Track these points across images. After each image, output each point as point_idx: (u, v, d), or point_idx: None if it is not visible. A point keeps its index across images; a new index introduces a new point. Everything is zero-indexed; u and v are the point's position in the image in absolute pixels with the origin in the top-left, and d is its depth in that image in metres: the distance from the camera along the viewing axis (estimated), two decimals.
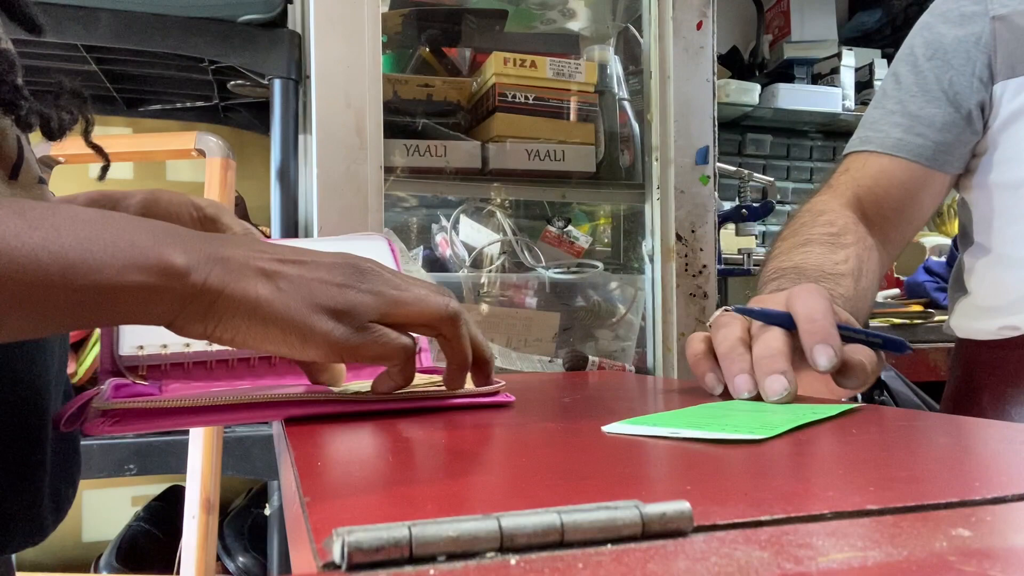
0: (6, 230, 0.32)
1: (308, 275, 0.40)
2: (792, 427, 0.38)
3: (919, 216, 0.82)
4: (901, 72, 0.83)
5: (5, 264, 0.32)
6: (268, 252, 0.40)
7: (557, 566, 0.18)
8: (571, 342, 1.28)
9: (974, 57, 0.77)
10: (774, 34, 2.16)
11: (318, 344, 0.39)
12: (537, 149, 1.20)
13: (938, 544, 0.20)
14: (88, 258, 0.34)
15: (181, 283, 0.36)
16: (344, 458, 0.35)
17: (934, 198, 0.82)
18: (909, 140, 0.80)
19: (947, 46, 0.79)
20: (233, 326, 0.38)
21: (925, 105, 0.80)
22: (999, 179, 0.79)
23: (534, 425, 0.43)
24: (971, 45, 0.78)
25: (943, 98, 0.79)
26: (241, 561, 1.30)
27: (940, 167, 0.80)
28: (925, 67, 0.80)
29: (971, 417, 0.45)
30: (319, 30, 1.04)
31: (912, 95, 0.81)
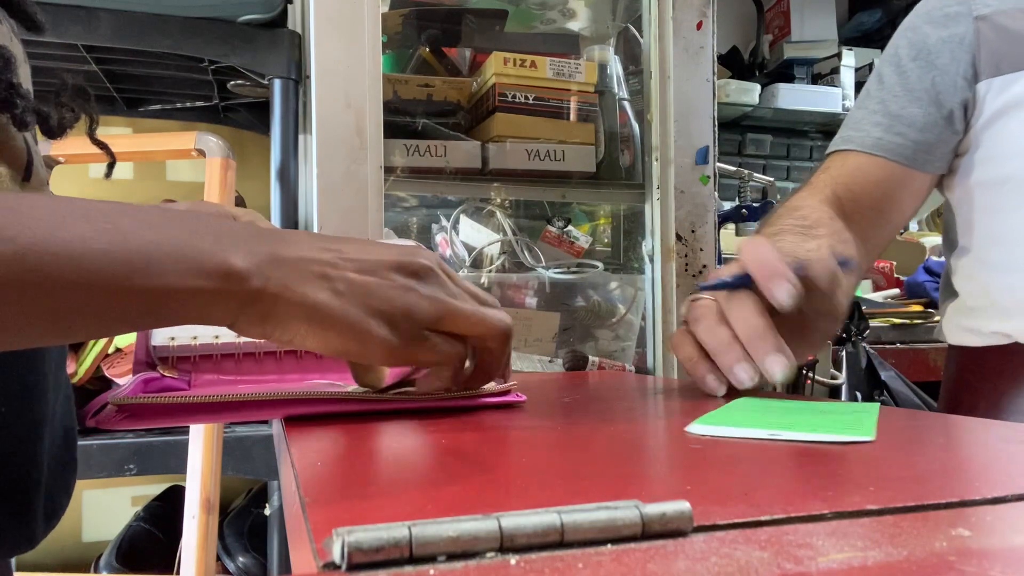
0: (70, 234, 0.32)
1: (368, 278, 0.40)
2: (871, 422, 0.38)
3: (899, 216, 0.82)
4: (885, 72, 0.84)
5: (73, 271, 0.32)
6: (328, 251, 0.40)
7: (557, 566, 0.18)
8: (571, 342, 1.28)
9: (958, 56, 0.78)
10: (774, 34, 2.16)
11: (375, 348, 0.40)
12: (537, 149, 1.20)
13: (938, 544, 0.20)
14: (151, 263, 0.34)
15: (241, 287, 0.36)
16: (344, 458, 0.35)
17: (914, 198, 0.81)
18: (889, 139, 0.80)
19: (931, 46, 0.80)
20: (292, 329, 0.38)
21: (907, 105, 0.80)
22: (981, 178, 0.79)
23: (534, 425, 0.43)
24: (955, 45, 0.78)
25: (925, 98, 0.79)
26: (241, 561, 1.30)
27: (920, 167, 0.80)
28: (909, 67, 0.81)
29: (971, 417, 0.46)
30: (319, 30, 1.04)
31: (894, 95, 0.81)
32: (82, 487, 1.56)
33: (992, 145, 0.78)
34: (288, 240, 0.40)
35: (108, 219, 0.34)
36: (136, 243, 0.34)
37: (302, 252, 0.39)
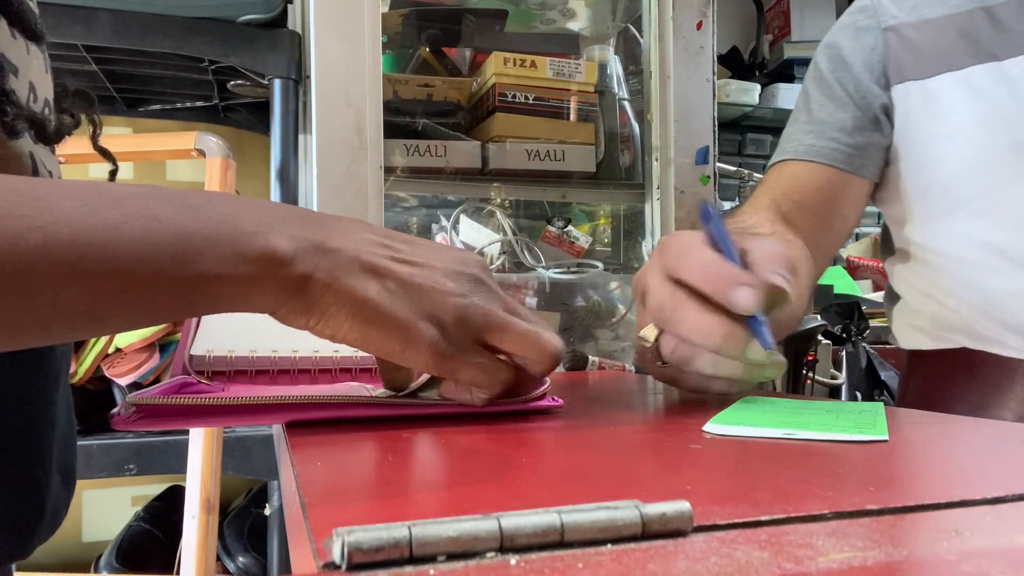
0: (102, 221, 0.31)
1: (419, 279, 0.39)
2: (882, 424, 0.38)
3: (841, 223, 0.82)
4: (809, 87, 0.86)
5: (106, 259, 0.31)
6: (379, 243, 0.39)
7: (557, 566, 0.18)
8: (571, 342, 1.28)
9: (871, 65, 0.81)
10: (774, 34, 2.16)
11: (420, 352, 0.38)
12: (537, 149, 1.20)
13: (938, 544, 0.20)
14: (189, 249, 0.33)
15: (285, 273, 0.35)
16: (344, 458, 0.35)
17: (854, 204, 0.82)
18: (821, 144, 0.81)
19: (847, 57, 0.83)
20: (336, 323, 0.37)
21: (834, 111, 0.82)
22: (906, 188, 0.80)
23: (534, 425, 0.43)
24: (867, 54, 0.81)
25: (850, 102, 0.81)
26: (241, 561, 1.30)
27: (856, 171, 0.80)
28: (830, 78, 0.83)
29: (971, 417, 0.46)
30: (319, 30, 1.04)
31: (821, 105, 0.83)
32: (82, 487, 1.56)
33: (909, 156, 0.79)
34: (339, 228, 0.38)
35: (142, 203, 0.33)
36: (172, 228, 0.32)
37: (354, 242, 0.38)
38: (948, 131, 0.75)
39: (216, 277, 0.33)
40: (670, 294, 0.45)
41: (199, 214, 0.34)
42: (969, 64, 0.74)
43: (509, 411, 0.45)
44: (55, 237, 0.30)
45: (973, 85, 0.74)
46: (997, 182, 0.72)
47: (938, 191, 0.77)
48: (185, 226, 0.33)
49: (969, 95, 0.74)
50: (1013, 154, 0.71)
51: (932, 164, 0.77)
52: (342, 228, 0.38)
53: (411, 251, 0.40)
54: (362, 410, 0.43)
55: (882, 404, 0.46)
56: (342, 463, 0.33)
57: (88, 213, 0.31)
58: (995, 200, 0.73)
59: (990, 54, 0.73)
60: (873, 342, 1.55)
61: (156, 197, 0.34)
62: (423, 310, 0.38)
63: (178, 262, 0.32)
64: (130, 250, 0.31)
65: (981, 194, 0.74)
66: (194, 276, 0.33)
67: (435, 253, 0.41)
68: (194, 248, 0.33)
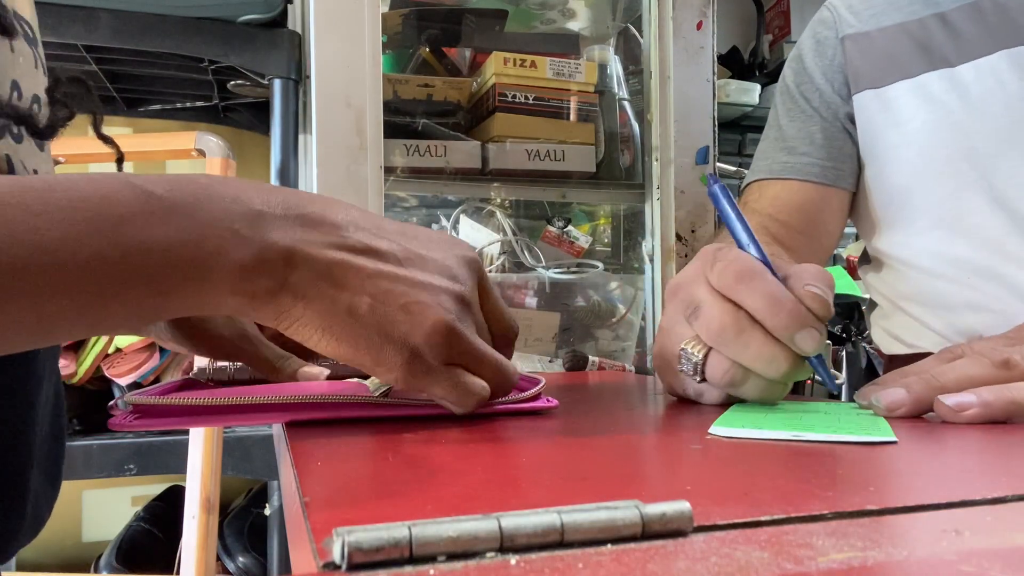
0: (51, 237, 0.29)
1: (397, 294, 0.37)
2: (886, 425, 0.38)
3: (827, 238, 0.82)
4: (777, 104, 0.86)
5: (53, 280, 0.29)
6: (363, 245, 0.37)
7: (557, 566, 0.18)
8: (571, 342, 1.28)
9: (831, 76, 0.81)
10: (774, 34, 2.16)
11: (389, 371, 0.37)
12: (537, 149, 1.20)
13: (938, 544, 0.20)
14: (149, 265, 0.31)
15: (251, 288, 0.34)
16: (344, 458, 0.35)
17: (836, 218, 0.82)
18: (794, 161, 0.81)
19: (809, 68, 0.83)
20: (306, 334, 0.36)
21: (803, 125, 0.82)
22: (871, 193, 0.80)
23: (534, 425, 0.43)
24: (827, 64, 0.82)
25: (816, 114, 0.81)
26: (241, 561, 1.30)
27: (833, 182, 0.80)
28: (795, 92, 0.84)
29: None
30: (319, 30, 1.04)
31: (791, 119, 0.83)
32: (82, 487, 1.56)
33: (871, 165, 0.79)
34: (319, 223, 0.36)
35: (96, 209, 0.31)
36: (129, 241, 0.31)
37: (332, 245, 0.36)
38: (904, 140, 0.75)
39: (177, 293, 0.33)
40: (733, 317, 0.44)
41: (156, 228, 0.32)
42: (923, 71, 0.74)
43: (504, 411, 0.45)
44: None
45: (927, 92, 0.74)
46: (951, 191, 0.72)
47: (899, 201, 0.77)
48: (143, 241, 0.31)
49: (923, 102, 0.74)
50: (965, 161, 0.71)
51: (891, 174, 0.77)
52: (322, 222, 0.36)
53: (398, 250, 0.38)
54: (361, 410, 0.43)
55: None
56: (342, 463, 0.33)
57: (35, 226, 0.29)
58: (949, 209, 0.72)
59: (944, 60, 0.73)
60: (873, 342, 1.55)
61: (112, 200, 0.31)
62: (398, 330, 0.37)
63: (135, 280, 0.31)
64: (84, 270, 0.30)
65: (936, 203, 0.73)
66: (153, 294, 0.32)
67: (424, 253, 0.39)
68: (154, 264, 0.32)
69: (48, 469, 0.47)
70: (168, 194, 0.33)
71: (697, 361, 0.46)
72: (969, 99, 0.71)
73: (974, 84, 0.71)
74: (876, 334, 0.85)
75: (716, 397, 0.48)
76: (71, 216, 0.30)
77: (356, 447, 0.37)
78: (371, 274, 0.37)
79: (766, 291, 0.44)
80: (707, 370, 0.46)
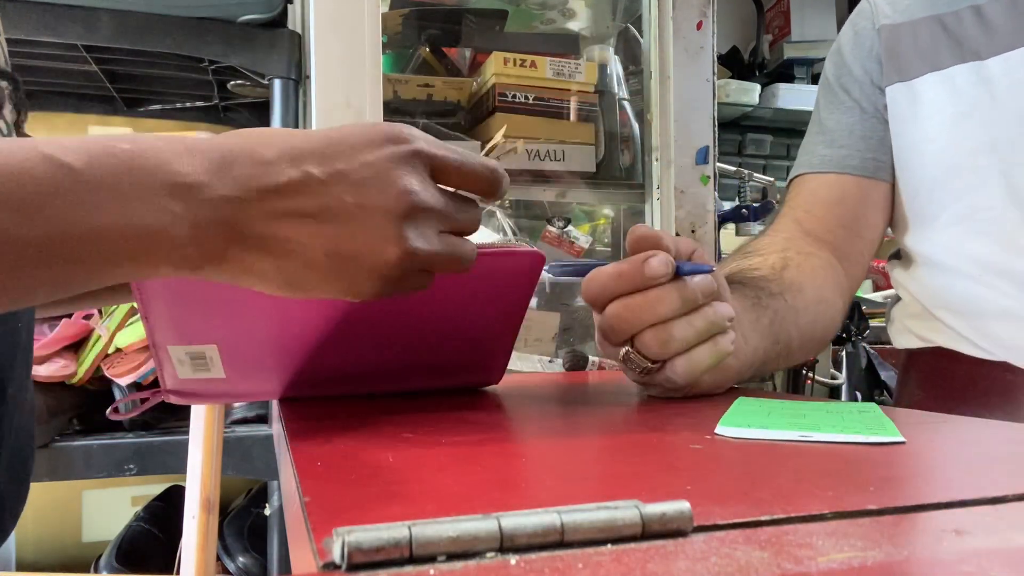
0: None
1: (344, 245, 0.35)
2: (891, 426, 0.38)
3: (870, 231, 0.81)
4: (819, 97, 0.87)
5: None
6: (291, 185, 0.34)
7: (557, 566, 0.18)
8: (571, 342, 1.28)
9: (869, 68, 0.81)
10: (774, 34, 2.16)
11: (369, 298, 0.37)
12: (537, 149, 1.20)
13: (938, 544, 0.20)
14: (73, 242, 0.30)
15: (183, 255, 0.33)
16: (344, 458, 0.35)
17: (879, 210, 0.81)
18: (832, 154, 0.81)
19: (848, 61, 0.83)
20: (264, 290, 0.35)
21: (841, 117, 0.82)
22: (900, 186, 0.80)
23: (534, 425, 0.43)
24: (865, 56, 0.81)
25: (856, 106, 0.81)
26: (241, 561, 1.30)
27: (873, 174, 0.80)
28: (835, 85, 0.84)
29: (971, 417, 0.46)
30: (319, 30, 1.04)
31: (829, 113, 0.84)
32: (82, 487, 1.56)
33: (900, 159, 0.79)
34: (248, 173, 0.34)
35: (10, 186, 0.29)
36: (49, 222, 0.29)
37: (267, 209, 0.34)
38: (931, 133, 0.75)
39: (106, 271, 0.32)
40: (614, 306, 0.48)
41: (77, 210, 0.30)
42: (953, 63, 0.74)
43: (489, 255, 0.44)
44: None
45: (954, 85, 0.73)
46: (972, 185, 0.72)
47: (924, 195, 0.77)
48: (64, 223, 0.30)
49: (951, 95, 0.74)
50: (986, 155, 0.71)
51: (917, 168, 0.77)
52: (252, 170, 0.34)
53: (332, 190, 0.35)
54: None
55: (874, 404, 0.46)
56: (342, 463, 0.33)
57: None
58: (967, 204, 0.72)
59: (974, 53, 0.73)
60: (873, 342, 1.55)
61: (33, 178, 0.30)
62: (354, 276, 0.35)
63: (58, 261, 0.30)
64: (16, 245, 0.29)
65: (958, 198, 0.73)
66: (81, 271, 0.31)
67: (357, 180, 0.35)
68: (76, 248, 0.30)
69: (16, 475, 0.46)
70: (88, 169, 0.31)
71: (633, 357, 0.49)
72: (995, 92, 0.71)
73: (1002, 77, 0.71)
74: (894, 329, 0.85)
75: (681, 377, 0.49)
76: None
77: (356, 448, 0.37)
78: (312, 232, 0.34)
79: (600, 275, 0.48)
80: (645, 353, 0.48)
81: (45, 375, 1.01)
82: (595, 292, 0.49)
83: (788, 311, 0.67)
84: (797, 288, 0.70)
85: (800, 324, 0.68)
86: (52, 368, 1.02)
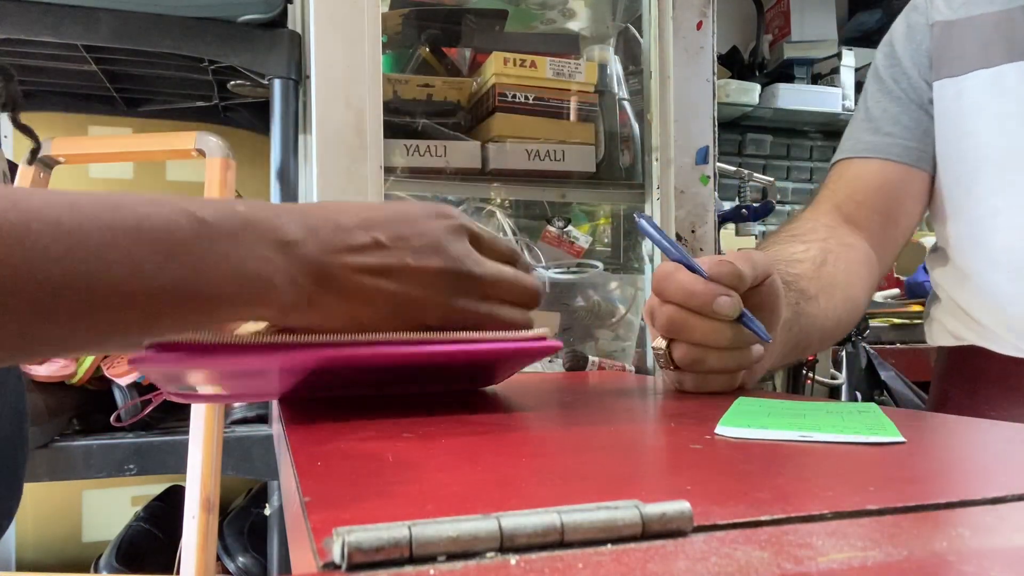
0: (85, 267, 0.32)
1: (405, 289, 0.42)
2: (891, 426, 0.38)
3: (906, 219, 0.82)
4: (868, 85, 0.87)
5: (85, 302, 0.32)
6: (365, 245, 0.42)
7: (557, 566, 0.18)
8: (571, 342, 1.28)
9: (918, 61, 0.82)
10: (774, 34, 2.16)
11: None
12: (537, 149, 1.20)
13: (938, 544, 0.20)
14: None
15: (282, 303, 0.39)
16: (344, 458, 0.35)
17: (917, 200, 0.82)
18: (877, 141, 0.82)
19: (899, 54, 0.84)
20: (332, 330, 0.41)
21: (888, 106, 0.83)
22: (944, 183, 0.80)
23: (534, 425, 0.43)
24: (915, 50, 0.82)
25: (904, 97, 0.82)
26: (241, 561, 1.30)
27: (915, 163, 0.81)
28: (885, 75, 0.84)
29: (970, 417, 0.46)
30: (319, 30, 1.04)
31: (876, 101, 0.84)
32: (82, 487, 1.56)
33: (942, 154, 0.79)
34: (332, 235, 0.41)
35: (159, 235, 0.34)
36: (183, 266, 0.34)
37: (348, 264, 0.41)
38: (974, 129, 0.76)
39: (220, 309, 0.37)
40: (675, 311, 0.53)
41: (206, 255, 0.36)
42: (1002, 62, 0.75)
43: (506, 348, 0.46)
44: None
45: (1001, 83, 0.74)
46: (1011, 183, 0.73)
47: (963, 189, 0.77)
48: (195, 266, 0.35)
49: (998, 93, 0.74)
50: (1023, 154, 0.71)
51: (958, 161, 0.77)
52: (335, 233, 0.41)
53: (396, 240, 0.43)
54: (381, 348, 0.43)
55: (874, 404, 0.46)
56: (342, 463, 0.33)
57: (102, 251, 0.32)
58: (1007, 201, 0.73)
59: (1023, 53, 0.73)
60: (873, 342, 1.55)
61: (178, 227, 0.35)
62: (414, 318, 0.43)
63: (184, 302, 0.35)
64: (109, 297, 0.33)
65: (997, 193, 0.74)
66: (198, 311, 0.36)
67: (412, 246, 0.43)
68: (200, 289, 0.36)
69: (4, 475, 0.46)
70: (216, 221, 0.37)
71: (663, 352, 0.55)
72: None
73: None
74: (931, 327, 0.85)
75: (691, 382, 0.55)
76: (136, 238, 0.34)
77: (356, 447, 0.37)
78: (378, 284, 0.42)
79: (679, 283, 0.52)
80: (675, 358, 0.54)
81: (45, 375, 1.01)
82: (665, 290, 0.53)
83: (817, 315, 0.68)
84: (830, 288, 0.71)
85: (825, 328, 0.70)
86: (52, 368, 1.02)
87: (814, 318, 0.67)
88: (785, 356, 0.65)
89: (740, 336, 0.52)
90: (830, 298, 0.70)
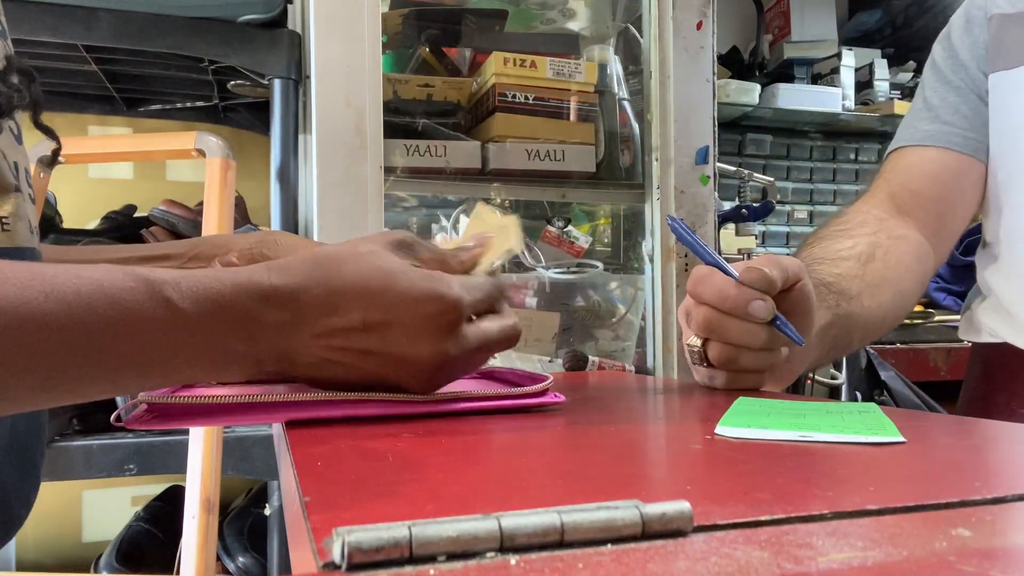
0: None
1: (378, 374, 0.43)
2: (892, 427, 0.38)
3: (964, 207, 0.82)
4: (925, 76, 0.87)
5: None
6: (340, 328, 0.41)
7: (557, 566, 0.18)
8: (571, 342, 1.28)
9: (976, 54, 0.82)
10: (774, 34, 2.15)
11: None
12: (537, 149, 1.20)
13: (938, 544, 0.20)
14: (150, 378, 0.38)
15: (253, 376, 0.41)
16: (344, 458, 0.35)
17: (974, 188, 0.82)
18: (935, 129, 0.82)
19: (957, 46, 0.84)
20: None
21: (946, 95, 0.83)
22: (996, 176, 0.79)
23: (534, 425, 0.43)
24: (973, 43, 0.82)
25: (962, 86, 0.82)
26: (241, 561, 1.30)
27: (974, 153, 0.81)
28: (943, 66, 0.84)
29: (970, 417, 0.46)
30: (319, 30, 1.04)
31: (934, 90, 0.84)
32: (82, 487, 1.56)
33: (995, 147, 0.79)
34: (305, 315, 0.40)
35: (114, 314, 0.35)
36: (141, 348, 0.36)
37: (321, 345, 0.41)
38: (1021, 123, 0.75)
39: (183, 378, 0.40)
40: (711, 313, 0.55)
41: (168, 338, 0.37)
42: None
43: (511, 407, 0.45)
44: None
45: None
46: None
47: (1013, 182, 0.77)
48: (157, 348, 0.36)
49: None
50: None
51: (1009, 153, 0.77)
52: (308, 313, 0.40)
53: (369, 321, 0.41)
54: (377, 408, 0.43)
55: (874, 404, 0.46)
56: (342, 463, 0.33)
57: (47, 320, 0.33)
58: None
59: None
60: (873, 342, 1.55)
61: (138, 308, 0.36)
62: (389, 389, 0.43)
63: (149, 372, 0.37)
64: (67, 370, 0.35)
65: None
66: (159, 377, 0.38)
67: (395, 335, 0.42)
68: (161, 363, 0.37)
69: (19, 462, 0.46)
70: (184, 306, 0.37)
71: (698, 350, 0.57)
72: None
73: None
74: (968, 322, 0.84)
75: (722, 380, 0.57)
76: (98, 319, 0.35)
77: (356, 447, 0.37)
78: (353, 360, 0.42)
79: (714, 286, 0.54)
80: (710, 356, 0.56)
81: None
82: (701, 293, 0.55)
83: (860, 314, 0.69)
84: (876, 286, 0.71)
85: (868, 325, 0.70)
86: None
87: (856, 318, 0.68)
88: (824, 356, 0.67)
89: (774, 338, 0.54)
90: (875, 296, 0.70)
